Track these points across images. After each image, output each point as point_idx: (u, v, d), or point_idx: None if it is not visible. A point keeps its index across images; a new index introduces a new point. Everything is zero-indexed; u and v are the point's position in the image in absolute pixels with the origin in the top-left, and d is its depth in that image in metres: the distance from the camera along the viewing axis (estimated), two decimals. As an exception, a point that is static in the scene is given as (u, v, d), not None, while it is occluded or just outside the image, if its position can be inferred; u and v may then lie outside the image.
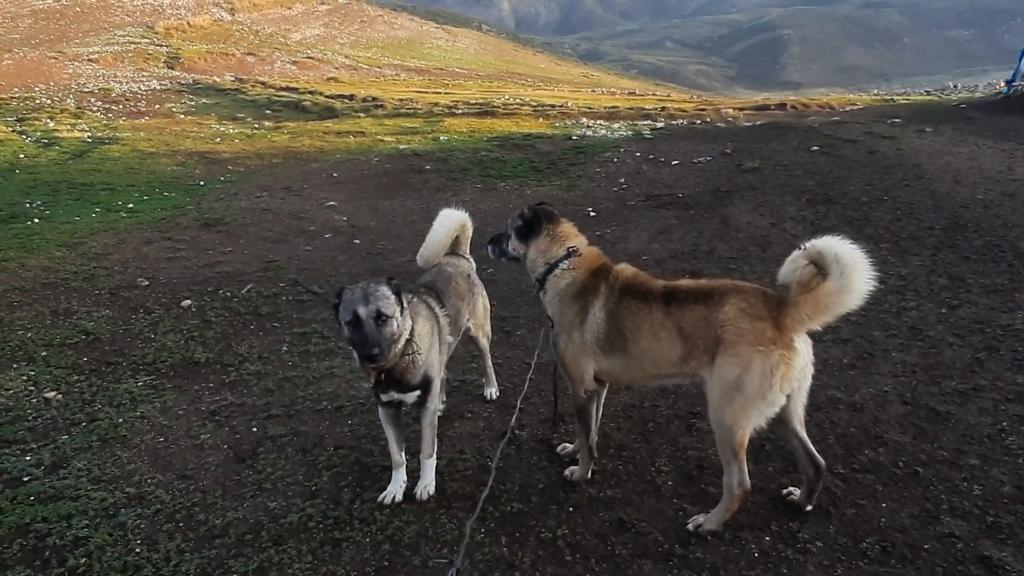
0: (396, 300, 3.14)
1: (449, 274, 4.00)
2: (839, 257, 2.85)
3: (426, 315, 3.50)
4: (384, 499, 3.49)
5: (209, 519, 3.44)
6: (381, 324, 3.07)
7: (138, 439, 4.15)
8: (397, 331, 3.15)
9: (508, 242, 3.64)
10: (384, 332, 3.08)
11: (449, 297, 3.83)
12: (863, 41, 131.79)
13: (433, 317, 3.55)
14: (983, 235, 7.00)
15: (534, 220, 3.53)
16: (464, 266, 4.21)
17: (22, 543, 3.25)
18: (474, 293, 4.19)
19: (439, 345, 3.55)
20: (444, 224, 4.09)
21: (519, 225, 3.56)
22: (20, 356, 5.17)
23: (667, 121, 16.97)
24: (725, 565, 3.04)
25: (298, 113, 20.50)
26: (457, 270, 4.08)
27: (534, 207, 3.58)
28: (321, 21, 62.21)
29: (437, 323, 3.57)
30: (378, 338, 3.05)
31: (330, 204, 9.75)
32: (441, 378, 3.66)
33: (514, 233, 3.59)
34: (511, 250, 3.65)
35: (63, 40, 36.94)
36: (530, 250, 3.54)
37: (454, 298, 3.87)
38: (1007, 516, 3.24)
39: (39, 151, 13.90)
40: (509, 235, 3.63)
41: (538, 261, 3.52)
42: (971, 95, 22.45)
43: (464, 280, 4.09)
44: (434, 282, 3.88)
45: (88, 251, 7.62)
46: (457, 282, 3.99)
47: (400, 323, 3.16)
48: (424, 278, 3.98)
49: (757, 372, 2.95)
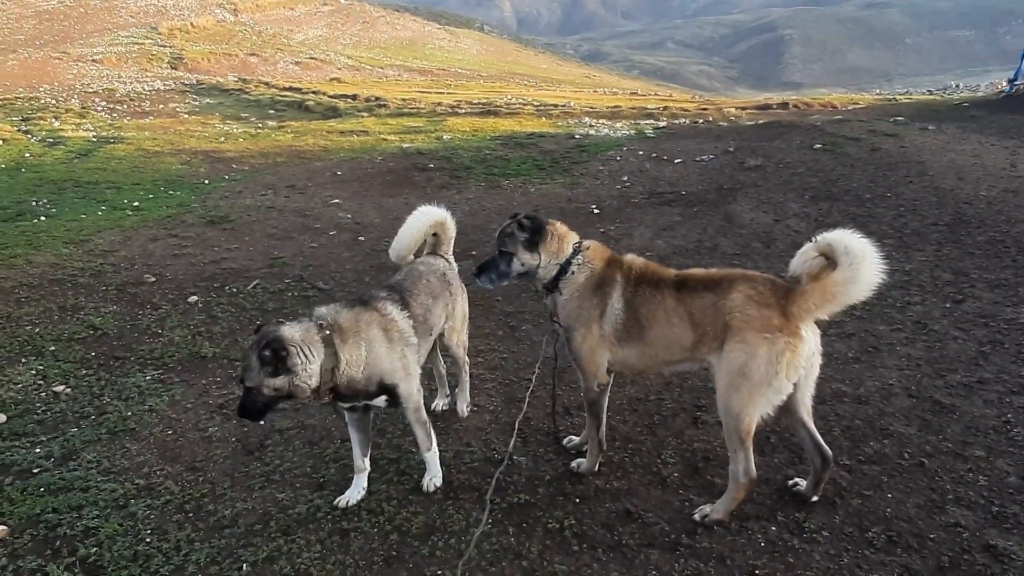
0: (271, 363, 2.95)
1: (420, 272, 3.80)
2: (849, 249, 2.89)
3: (376, 325, 3.32)
4: (338, 503, 3.45)
5: (218, 510, 3.46)
6: (249, 393, 3.02)
7: (147, 432, 4.17)
8: (280, 386, 3.01)
9: (513, 260, 3.45)
10: (252, 400, 3.03)
11: (416, 296, 3.62)
12: (865, 42, 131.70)
13: (386, 325, 3.36)
14: (987, 231, 7.00)
15: (538, 226, 3.41)
16: (439, 265, 3.95)
17: (33, 533, 3.28)
18: (451, 294, 3.93)
19: (400, 349, 3.37)
20: (418, 220, 3.93)
21: (525, 237, 3.41)
22: (29, 351, 5.19)
23: (669, 120, 16.98)
24: (731, 554, 3.05)
25: (302, 113, 20.55)
26: (430, 268, 3.87)
27: (528, 215, 3.48)
28: (324, 22, 62.31)
29: (392, 330, 3.37)
30: (248, 407, 3.04)
31: (334, 202, 9.78)
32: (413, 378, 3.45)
33: (522, 246, 3.42)
34: (520, 266, 3.45)
35: (67, 41, 37.05)
36: (542, 257, 3.43)
37: (423, 296, 3.67)
38: (1013, 506, 3.25)
39: (44, 150, 13.95)
40: (512, 252, 3.43)
41: (550, 265, 3.44)
42: (973, 94, 22.46)
43: (438, 279, 3.85)
44: (401, 282, 3.70)
45: (95, 248, 7.65)
46: (428, 280, 3.78)
47: (289, 375, 2.99)
48: (394, 277, 3.81)
49: (763, 358, 2.98)
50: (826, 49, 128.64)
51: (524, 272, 3.47)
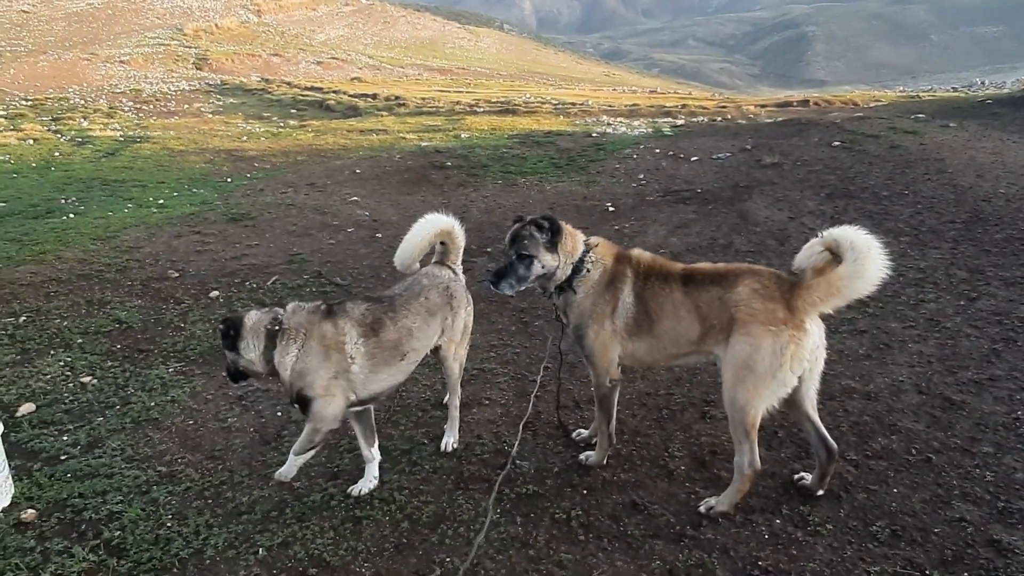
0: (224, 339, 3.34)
1: (422, 286, 3.69)
2: (854, 244, 2.92)
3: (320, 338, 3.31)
4: (351, 491, 3.56)
5: (236, 497, 3.57)
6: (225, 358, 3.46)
7: (169, 422, 4.31)
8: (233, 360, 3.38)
9: (534, 263, 3.39)
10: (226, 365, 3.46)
11: (400, 318, 3.50)
12: (889, 38, 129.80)
13: (331, 342, 3.32)
14: (1004, 228, 6.94)
15: (558, 227, 3.38)
16: (443, 278, 3.81)
17: (60, 517, 3.42)
18: (453, 308, 3.78)
19: (332, 370, 3.31)
20: (423, 228, 3.81)
21: (547, 239, 3.38)
22: (57, 343, 5.37)
23: (687, 118, 16.94)
24: (735, 546, 3.10)
25: (322, 112, 20.79)
26: (433, 282, 3.74)
27: (544, 215, 3.48)
28: (345, 22, 62.80)
29: (334, 350, 3.32)
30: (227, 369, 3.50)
31: (353, 199, 9.92)
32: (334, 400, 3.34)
33: (544, 248, 3.38)
34: (540, 268, 3.40)
35: (96, 42, 37.73)
36: (561, 257, 3.42)
37: (412, 317, 3.54)
38: (1019, 501, 3.26)
39: (73, 149, 14.28)
40: (532, 255, 3.38)
41: (566, 265, 3.43)
42: (999, 91, 22.10)
43: (439, 293, 3.72)
44: (394, 297, 3.62)
45: (121, 244, 7.85)
46: (428, 296, 3.66)
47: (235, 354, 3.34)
48: (394, 287, 3.76)
49: (768, 351, 3.03)
50: (850, 46, 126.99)
51: (544, 274, 3.43)
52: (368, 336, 3.40)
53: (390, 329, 3.46)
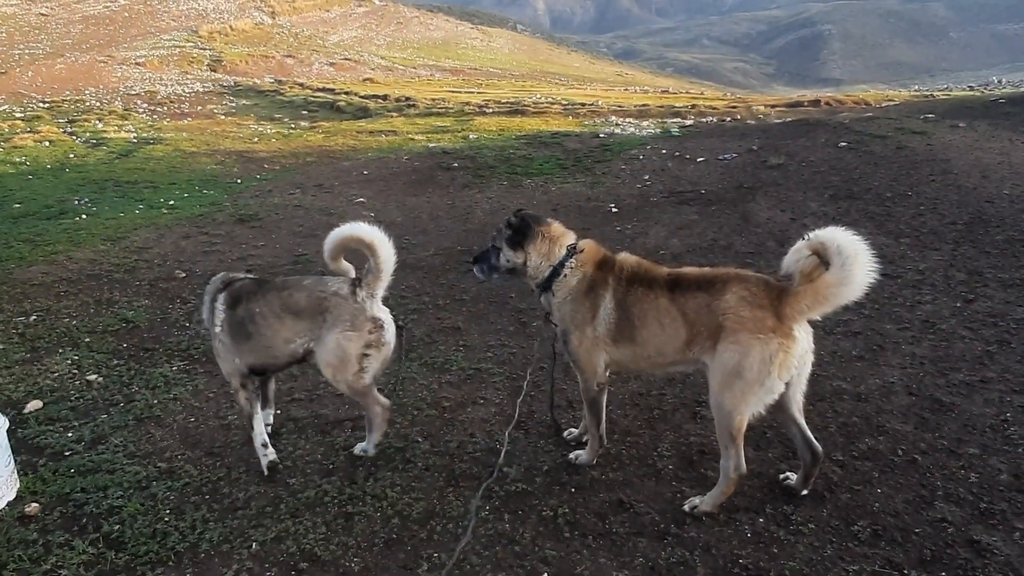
0: None
1: (303, 285, 3.74)
2: (841, 248, 2.90)
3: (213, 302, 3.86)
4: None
5: (233, 492, 3.66)
6: None
7: (171, 419, 4.42)
8: None
9: (499, 256, 3.57)
10: None
11: (255, 302, 3.69)
12: (907, 36, 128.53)
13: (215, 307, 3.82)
14: (1006, 229, 6.92)
15: (523, 225, 3.51)
16: (330, 290, 3.63)
17: (62, 511, 3.52)
18: (326, 320, 3.58)
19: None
20: (338, 233, 3.74)
21: (509, 234, 3.52)
22: (66, 342, 5.51)
23: (696, 119, 16.93)
24: (717, 544, 3.15)
25: (333, 113, 20.98)
26: (315, 287, 3.69)
27: (519, 213, 3.59)
28: (358, 23, 63.15)
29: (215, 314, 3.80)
30: None
31: (359, 200, 10.03)
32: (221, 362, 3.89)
33: (506, 244, 3.54)
34: (504, 262, 3.57)
35: (112, 45, 38.23)
36: (530, 256, 3.51)
37: (264, 307, 3.66)
38: (1001, 503, 3.28)
39: (88, 151, 14.53)
40: (499, 247, 3.57)
41: (542, 266, 3.51)
42: (1016, 89, 21.87)
43: (309, 298, 3.64)
44: (272, 281, 3.93)
45: (130, 245, 8.01)
46: (293, 295, 3.68)
47: None
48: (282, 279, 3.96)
49: (756, 359, 3.03)
50: (866, 44, 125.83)
51: (511, 268, 3.58)
52: (223, 308, 3.78)
53: (239, 310, 3.74)
